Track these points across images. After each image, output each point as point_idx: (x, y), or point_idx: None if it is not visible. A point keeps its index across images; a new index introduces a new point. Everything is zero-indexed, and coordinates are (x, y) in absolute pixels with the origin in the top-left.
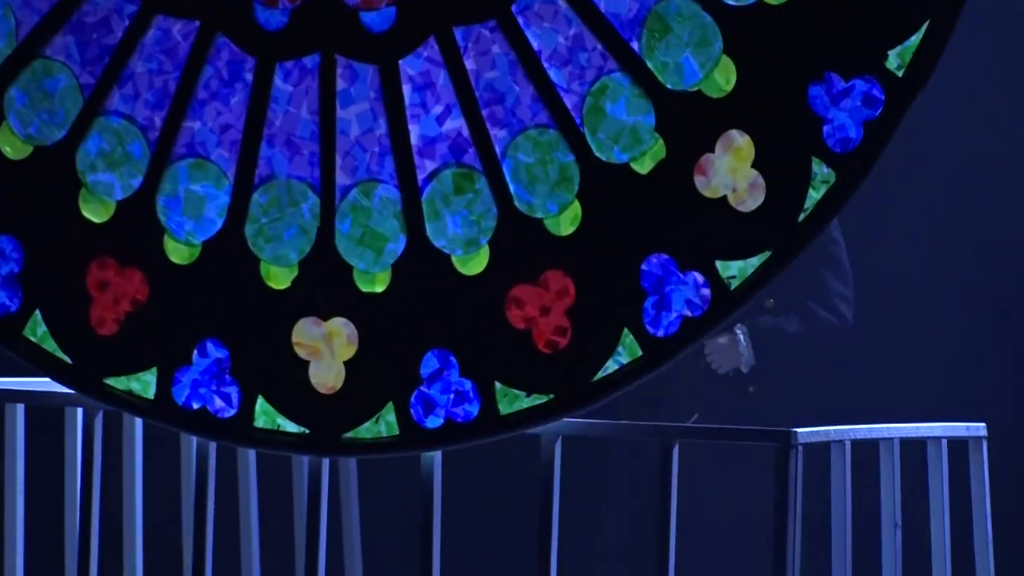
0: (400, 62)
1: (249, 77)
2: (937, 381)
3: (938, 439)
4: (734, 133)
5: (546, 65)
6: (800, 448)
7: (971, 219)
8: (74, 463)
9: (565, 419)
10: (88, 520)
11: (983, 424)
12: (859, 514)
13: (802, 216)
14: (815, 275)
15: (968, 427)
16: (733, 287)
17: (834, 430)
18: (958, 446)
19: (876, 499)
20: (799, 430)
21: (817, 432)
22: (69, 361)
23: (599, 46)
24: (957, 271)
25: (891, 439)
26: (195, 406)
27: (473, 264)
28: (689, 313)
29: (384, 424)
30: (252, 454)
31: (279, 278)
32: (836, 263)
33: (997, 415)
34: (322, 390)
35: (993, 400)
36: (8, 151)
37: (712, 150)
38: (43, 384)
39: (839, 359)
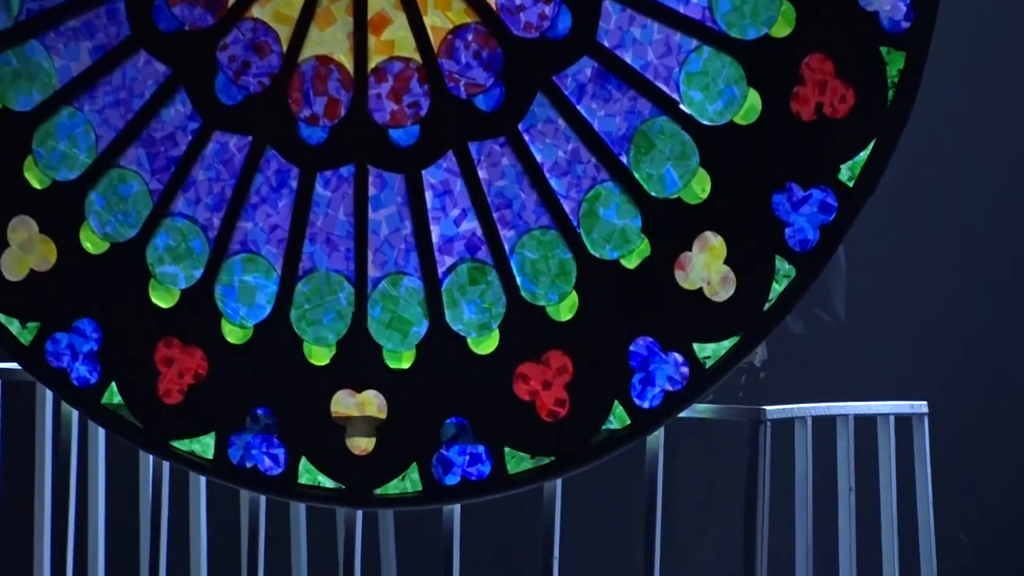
0: (423, 172)
1: (294, 184)
2: (887, 365)
3: (887, 415)
4: (709, 234)
5: (548, 175)
6: (768, 424)
7: (921, 215)
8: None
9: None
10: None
11: (925, 403)
12: (821, 481)
13: (767, 306)
14: (823, 283)
15: (912, 405)
16: (708, 366)
17: (797, 408)
18: (903, 422)
19: (835, 467)
20: (767, 407)
21: (783, 409)
22: (140, 426)
23: (593, 159)
24: (914, 273)
25: (847, 415)
26: (247, 465)
27: (485, 345)
28: (670, 388)
29: (409, 481)
30: (301, 506)
31: (320, 356)
32: (837, 267)
33: (937, 395)
34: (356, 452)
35: (934, 382)
36: (89, 247)
37: (690, 248)
38: None
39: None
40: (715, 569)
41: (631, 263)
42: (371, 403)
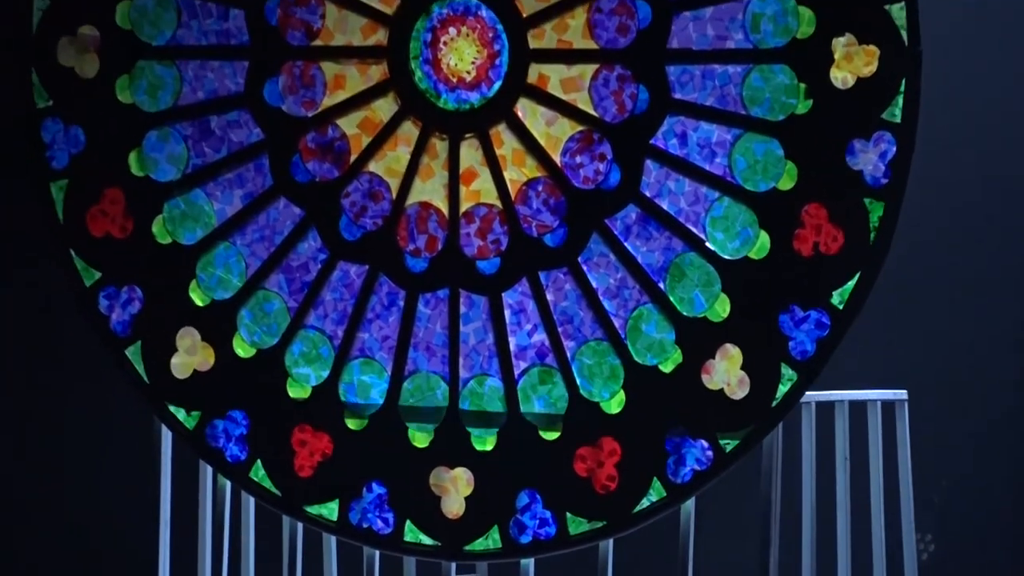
0: (503, 295)
1: (401, 304)
2: (871, 354)
3: (875, 402)
4: (729, 346)
5: (601, 298)
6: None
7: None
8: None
9: None
10: None
11: (905, 391)
12: (822, 454)
13: (774, 403)
14: None
15: (895, 393)
16: (728, 450)
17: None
18: (888, 407)
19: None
20: None
21: None
22: (280, 495)
23: (637, 286)
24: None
25: (843, 401)
26: (364, 526)
27: (552, 432)
28: (698, 467)
29: (491, 540)
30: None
31: (421, 440)
32: None
33: (918, 383)
34: (450, 516)
35: (915, 371)
36: (240, 352)
37: (714, 357)
38: None
39: None
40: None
41: (667, 368)
42: (461, 478)
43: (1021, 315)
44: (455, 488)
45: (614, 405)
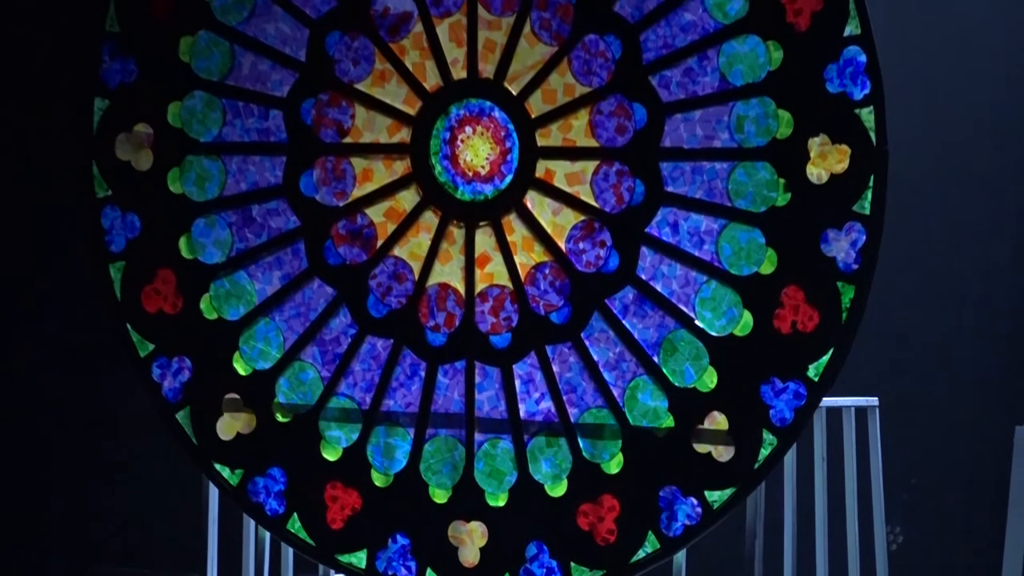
0: (513, 366)
1: (423, 374)
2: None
3: (849, 407)
4: (716, 413)
5: (602, 370)
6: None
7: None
8: None
9: None
10: None
11: (876, 397)
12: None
13: (756, 465)
14: None
15: (867, 400)
16: (715, 507)
17: None
18: (861, 412)
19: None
20: None
21: None
22: (314, 544)
23: (634, 359)
24: None
25: (820, 407)
26: (390, 573)
27: (557, 490)
28: (688, 522)
29: None
30: None
31: (440, 496)
32: None
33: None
34: (466, 565)
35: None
36: (278, 416)
37: (703, 423)
38: None
39: None
40: None
41: (661, 433)
42: (477, 530)
43: (984, 324)
44: (471, 539)
45: (614, 466)
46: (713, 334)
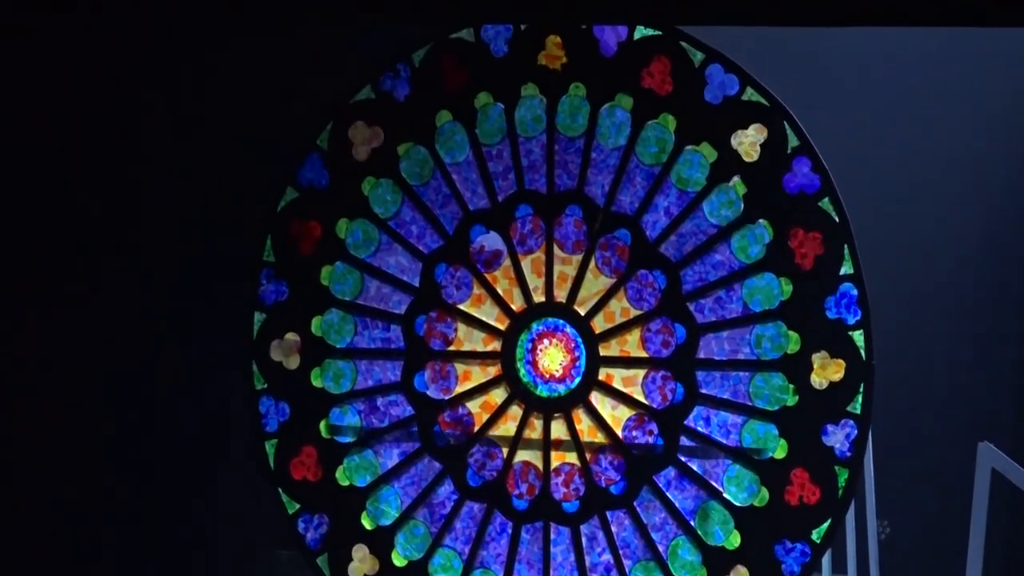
0: (580, 527)
1: (509, 531)
2: None
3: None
4: (740, 567)
5: (650, 531)
6: None
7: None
8: None
9: None
10: None
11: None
12: None
13: None
14: None
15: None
16: None
17: None
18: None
19: None
20: None
21: None
22: None
23: (675, 523)
24: None
25: None
26: None
27: None
28: None
29: None
30: None
31: None
32: None
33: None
34: None
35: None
36: (396, 563)
37: (728, 574)
38: None
39: None
40: None
41: None
42: None
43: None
44: None
45: None
46: (738, 505)
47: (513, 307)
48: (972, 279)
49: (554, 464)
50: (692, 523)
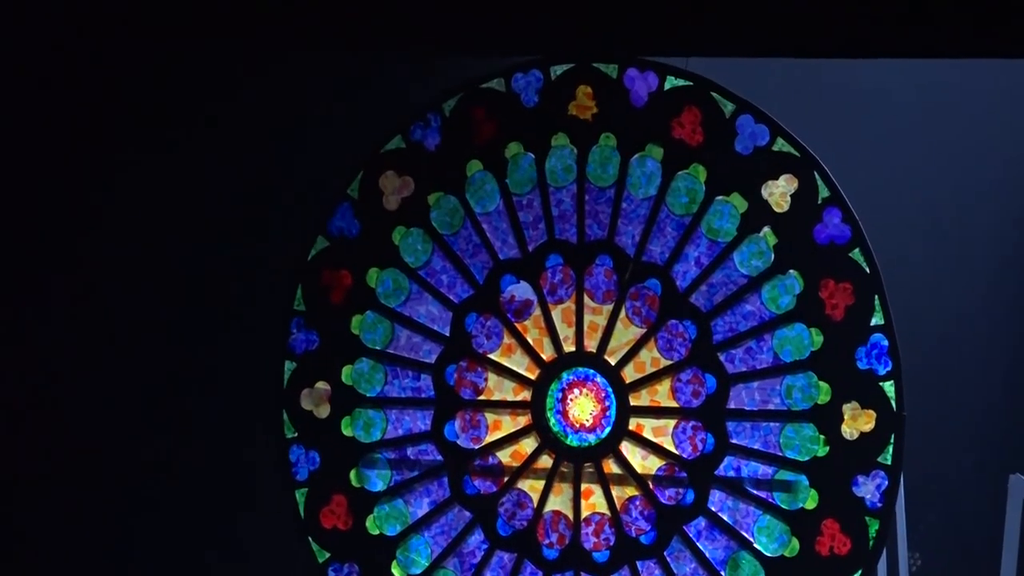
0: (612, 575)
1: None
2: None
3: None
4: None
5: None
6: None
7: None
8: None
9: None
10: None
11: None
12: None
13: None
14: None
15: None
16: None
17: None
18: None
19: None
20: None
21: None
22: None
23: (706, 573)
24: None
25: None
26: None
27: None
28: None
29: None
30: None
31: None
32: None
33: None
34: None
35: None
36: None
37: None
38: None
39: None
40: None
41: None
42: None
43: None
44: None
45: None
46: (768, 555)
47: (543, 356)
48: (1001, 316)
49: (584, 514)
50: (723, 573)
